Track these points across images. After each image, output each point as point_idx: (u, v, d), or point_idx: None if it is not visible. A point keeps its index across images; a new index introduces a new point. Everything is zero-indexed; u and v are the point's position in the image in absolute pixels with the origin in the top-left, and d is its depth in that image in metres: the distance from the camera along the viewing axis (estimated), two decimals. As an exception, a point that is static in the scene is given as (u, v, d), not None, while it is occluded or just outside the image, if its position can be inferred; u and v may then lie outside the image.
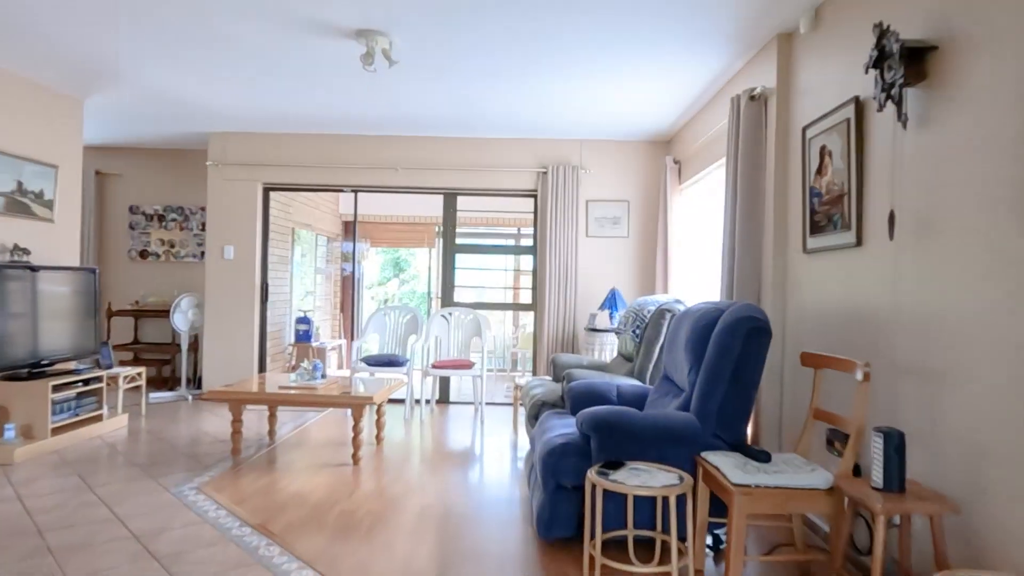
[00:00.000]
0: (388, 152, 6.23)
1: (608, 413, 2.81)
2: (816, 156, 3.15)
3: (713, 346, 2.90)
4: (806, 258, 3.28)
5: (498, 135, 6.14)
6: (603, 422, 2.77)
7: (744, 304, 2.96)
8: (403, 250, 13.95)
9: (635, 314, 4.40)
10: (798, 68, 3.44)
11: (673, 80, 4.44)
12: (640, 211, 6.20)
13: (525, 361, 9.17)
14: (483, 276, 9.72)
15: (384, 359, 5.72)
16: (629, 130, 5.82)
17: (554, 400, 4.09)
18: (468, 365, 5.70)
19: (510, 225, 9.59)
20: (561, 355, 4.94)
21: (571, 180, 6.08)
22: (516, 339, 9.29)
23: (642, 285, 6.20)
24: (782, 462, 2.56)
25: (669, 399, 3.26)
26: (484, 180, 6.23)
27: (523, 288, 10.11)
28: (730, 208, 3.86)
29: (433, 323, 6.10)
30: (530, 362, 9.41)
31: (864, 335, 2.71)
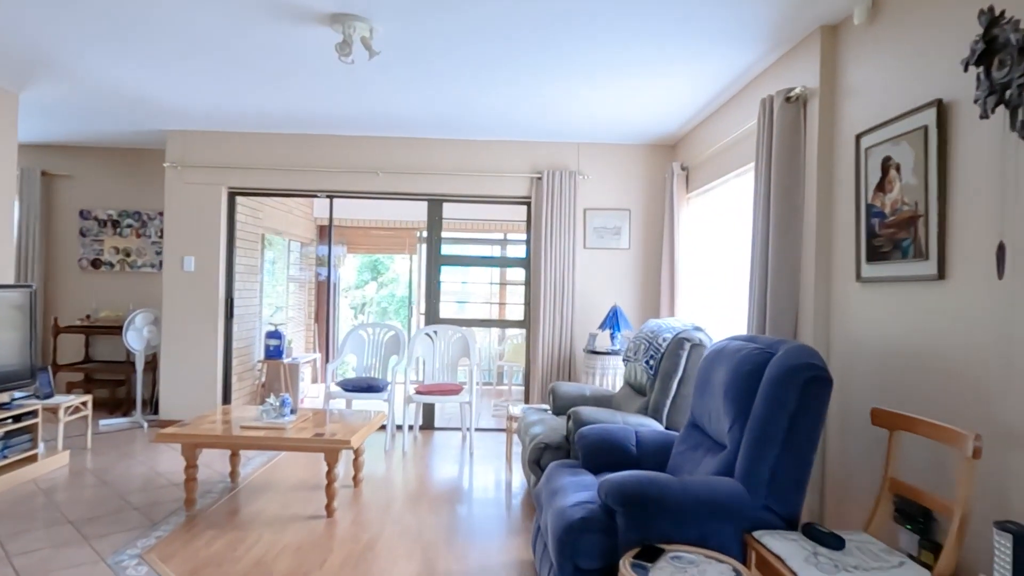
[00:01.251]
0: (367, 154, 5.67)
1: (638, 484, 2.30)
2: (876, 169, 2.67)
3: (763, 399, 2.41)
4: (860, 288, 2.81)
5: (489, 137, 5.61)
6: (634, 496, 2.26)
7: (797, 347, 2.47)
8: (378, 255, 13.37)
9: (648, 342, 3.91)
10: (848, 65, 2.96)
11: (686, 77, 3.95)
12: (642, 221, 5.71)
13: (512, 374, 8.67)
14: (470, 289, 9.20)
15: (362, 384, 5.17)
16: (631, 132, 5.34)
17: (558, 442, 3.58)
18: (456, 390, 5.17)
19: (498, 231, 9.07)
20: (561, 385, 4.43)
21: (568, 186, 5.57)
22: (503, 352, 8.77)
23: (644, 303, 5.72)
24: (857, 548, 2.08)
25: (701, 454, 2.77)
26: (473, 186, 5.70)
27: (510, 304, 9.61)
28: (761, 224, 3.38)
29: (416, 342, 5.56)
30: (517, 375, 8.92)
31: (949, 390, 2.24)
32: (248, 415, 4.00)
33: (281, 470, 4.46)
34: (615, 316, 5.19)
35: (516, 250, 9.83)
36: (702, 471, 2.66)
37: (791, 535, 2.19)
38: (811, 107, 3.16)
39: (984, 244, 2.10)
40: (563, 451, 3.56)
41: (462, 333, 5.59)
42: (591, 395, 4.36)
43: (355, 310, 13.17)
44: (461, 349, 5.61)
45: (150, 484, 4.07)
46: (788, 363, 2.39)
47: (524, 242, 9.79)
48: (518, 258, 5.92)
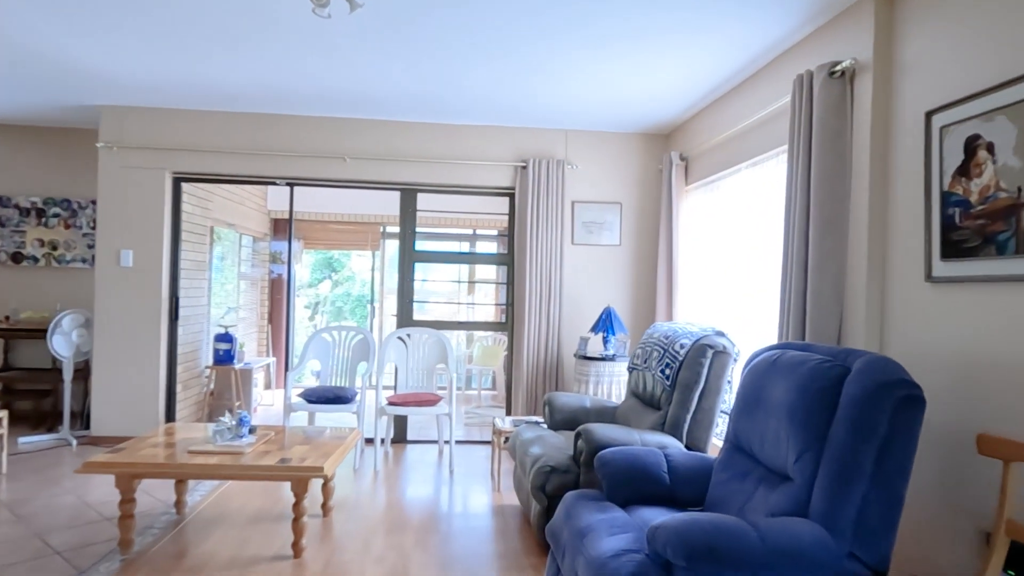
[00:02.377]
0: (334, 138, 5.09)
1: (705, 534, 1.85)
2: (956, 151, 2.30)
3: (846, 423, 1.99)
4: (930, 289, 2.43)
5: (470, 121, 5.10)
6: (702, 549, 1.81)
7: (878, 359, 2.07)
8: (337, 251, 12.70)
9: (662, 348, 3.48)
10: (907, 35, 2.58)
11: (695, 55, 3.54)
12: (634, 216, 5.30)
13: (482, 378, 8.18)
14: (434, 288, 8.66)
15: (328, 394, 4.60)
16: (623, 119, 4.91)
17: (565, 465, 3.12)
18: (433, 400, 4.65)
19: (467, 226, 8.56)
20: (558, 396, 3.97)
21: (555, 176, 5.11)
22: (471, 355, 8.27)
23: (637, 305, 5.31)
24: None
25: (751, 485, 2.34)
26: (451, 175, 5.18)
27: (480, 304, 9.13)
28: (798, 217, 2.99)
29: (388, 347, 5.01)
30: (487, 379, 8.43)
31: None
32: (197, 435, 3.40)
33: (236, 497, 3.87)
34: (608, 318, 4.76)
35: (485, 246, 9.35)
36: (759, 507, 2.23)
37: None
38: (861, 83, 2.78)
39: None
40: (572, 475, 3.10)
41: (438, 337, 5.07)
42: (592, 407, 3.92)
43: (311, 310, 12.45)
44: (437, 354, 5.09)
45: (78, 519, 3.43)
46: (875, 380, 1.98)
47: (494, 238, 9.37)
48: (500, 254, 5.44)
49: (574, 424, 3.87)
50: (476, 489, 4.16)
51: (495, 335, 8.35)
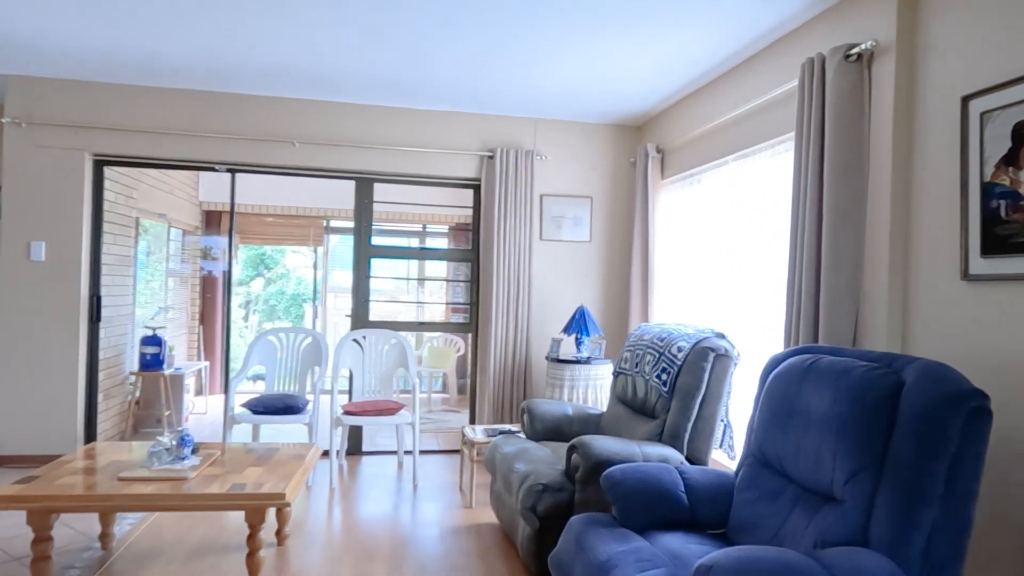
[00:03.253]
0: (283, 120, 4.61)
1: (768, 572, 1.58)
2: (1002, 138, 2.12)
3: (910, 439, 1.77)
4: (967, 288, 2.25)
5: (434, 106, 4.73)
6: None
7: (935, 366, 1.86)
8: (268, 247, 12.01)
9: (656, 351, 3.22)
10: (935, 15, 2.40)
11: (676, 43, 3.31)
12: (605, 210, 5.06)
13: (432, 380, 7.79)
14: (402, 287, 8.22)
15: (277, 403, 4.14)
16: (595, 109, 4.65)
17: (559, 482, 2.81)
18: (394, 408, 4.25)
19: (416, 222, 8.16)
20: (538, 403, 3.67)
21: (524, 168, 4.80)
22: (420, 356, 7.87)
23: (607, 304, 5.06)
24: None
25: (786, 506, 2.10)
26: (412, 163, 4.79)
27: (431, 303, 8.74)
28: (810, 210, 2.78)
29: (342, 351, 4.58)
30: (437, 381, 8.04)
31: None
32: (128, 457, 2.91)
33: (172, 526, 3.38)
34: (582, 318, 4.49)
35: (435, 242, 8.96)
36: (799, 532, 1.99)
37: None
38: (880, 67, 2.59)
39: None
40: (566, 493, 2.80)
41: (398, 339, 4.68)
42: (575, 415, 3.63)
43: (244, 309, 11.72)
44: (397, 358, 4.69)
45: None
46: (943, 390, 1.76)
47: (444, 235, 8.98)
48: (464, 250, 5.09)
49: (557, 434, 3.57)
50: (445, 505, 3.80)
51: (446, 336, 7.98)
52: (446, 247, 8.45)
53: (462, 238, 8.54)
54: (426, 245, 8.54)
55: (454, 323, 5.08)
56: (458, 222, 8.34)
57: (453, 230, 8.45)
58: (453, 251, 5.14)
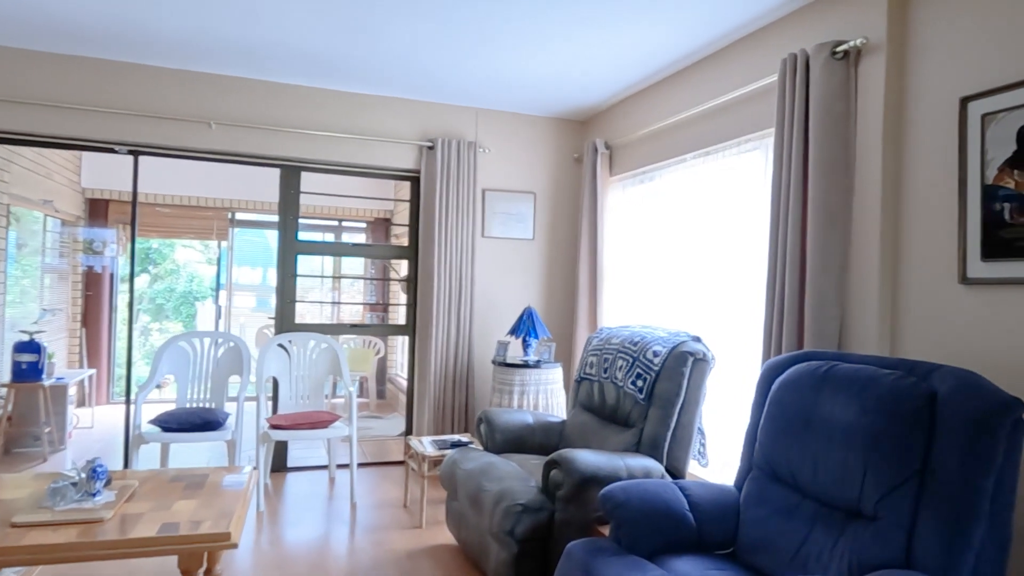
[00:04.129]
0: (198, 98, 4.07)
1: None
2: (1007, 141, 2.10)
3: (957, 452, 1.68)
4: (965, 292, 2.23)
5: (371, 90, 4.34)
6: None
7: (967, 373, 1.79)
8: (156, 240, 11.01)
9: (630, 356, 3.05)
10: (930, 14, 2.37)
11: (644, 32, 3.18)
12: (548, 207, 4.87)
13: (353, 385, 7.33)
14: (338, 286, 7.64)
15: (194, 419, 3.64)
16: (539, 101, 4.45)
17: (538, 502, 2.58)
18: (328, 420, 3.85)
19: (349, 217, 7.66)
20: (498, 413, 3.42)
21: (466, 160, 4.52)
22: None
23: (553, 305, 4.88)
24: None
25: (804, 524, 1.97)
26: (345, 151, 4.39)
27: (350, 303, 8.26)
28: (792, 211, 2.70)
29: (267, 357, 4.11)
30: (355, 386, 7.58)
31: None
32: (20, 494, 2.39)
33: (70, 571, 2.84)
34: (530, 319, 4.27)
35: (352, 238, 8.48)
36: (824, 551, 1.87)
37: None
38: (869, 65, 2.54)
39: None
40: (545, 513, 2.58)
41: (329, 344, 4.27)
42: (537, 424, 3.41)
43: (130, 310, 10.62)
44: (328, 364, 4.28)
45: None
46: (985, 400, 1.68)
47: (362, 230, 8.50)
48: (400, 247, 4.72)
49: (518, 445, 3.33)
50: (392, 526, 3.47)
51: (365, 337, 7.55)
52: (368, 243, 7.99)
53: (381, 234, 8.12)
54: (342, 241, 8.05)
55: (394, 325, 4.72)
56: (377, 217, 7.91)
57: (372, 225, 8.01)
58: (391, 248, 4.78)
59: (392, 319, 7.99)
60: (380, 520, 3.55)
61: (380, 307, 8.17)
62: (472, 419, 4.53)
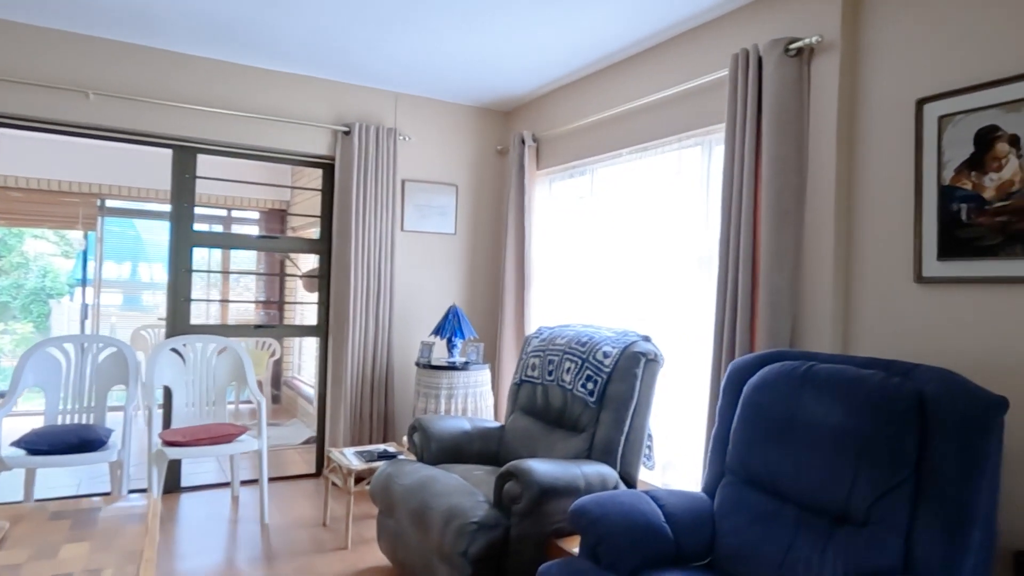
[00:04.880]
0: (73, 62, 3.48)
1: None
2: (965, 142, 2.14)
3: (953, 453, 1.66)
4: (920, 290, 2.26)
5: (280, 67, 3.92)
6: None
7: (947, 372, 1.79)
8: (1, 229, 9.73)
9: (578, 357, 2.91)
10: (885, 16, 2.40)
11: (580, 21, 3.06)
12: (471, 201, 4.65)
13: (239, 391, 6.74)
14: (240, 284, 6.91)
15: (68, 438, 3.11)
16: (462, 88, 4.23)
17: (493, 518, 2.38)
18: (234, 434, 3.43)
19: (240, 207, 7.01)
20: (433, 420, 3.16)
21: (386, 148, 4.21)
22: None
23: (475, 303, 4.67)
24: None
25: (787, 531, 1.91)
26: (250, 133, 3.94)
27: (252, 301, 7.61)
28: (745, 209, 2.67)
29: (157, 364, 3.61)
30: (245, 391, 6.97)
31: None
32: None
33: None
34: (456, 319, 4.04)
35: (242, 229, 7.84)
36: (810, 559, 1.81)
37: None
38: (822, 64, 2.54)
39: None
40: (500, 529, 2.38)
41: (230, 347, 3.82)
42: (475, 431, 3.19)
43: None
44: (230, 370, 3.83)
45: None
46: (976, 401, 1.68)
47: (255, 222, 7.84)
48: (312, 240, 4.32)
49: (457, 455, 3.11)
50: (314, 549, 3.13)
51: (258, 339, 6.97)
52: (275, 236, 7.38)
53: (276, 225, 7.54)
54: (235, 232, 7.39)
55: (301, 326, 4.30)
56: (272, 208, 7.33)
57: (266, 216, 7.42)
58: (302, 241, 4.35)
59: (289, 318, 7.45)
60: (298, 543, 3.20)
61: (274, 305, 7.59)
62: (393, 427, 4.23)
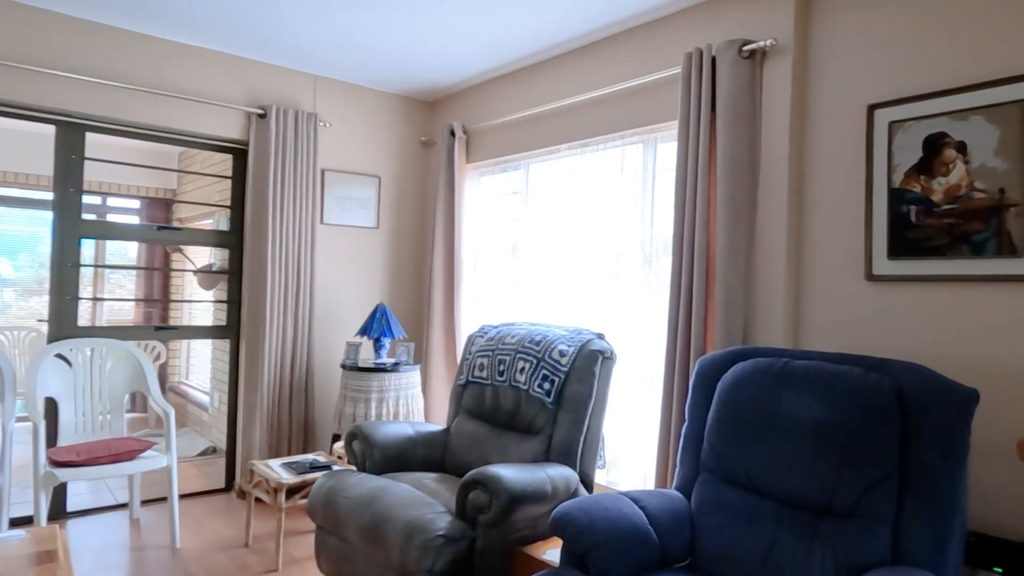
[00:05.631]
0: (-75, 15, 2.94)
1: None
2: (913, 147, 2.26)
3: (936, 445, 1.73)
4: (870, 288, 2.37)
5: (187, 39, 3.52)
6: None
7: (920, 367, 1.87)
8: None
9: (533, 357, 2.81)
10: (836, 23, 2.49)
11: (519, 11, 2.99)
12: (394, 194, 4.43)
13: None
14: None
15: (-68, 464, 2.61)
16: (388, 74, 4.01)
17: (458, 530, 2.24)
18: (135, 451, 3.04)
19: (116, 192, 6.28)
20: (375, 427, 2.95)
21: (305, 134, 3.91)
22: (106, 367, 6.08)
23: (399, 301, 4.45)
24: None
25: (769, 528, 1.92)
26: (148, 111, 3.51)
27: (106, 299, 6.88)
28: (699, 208, 2.69)
29: (42, 371, 3.13)
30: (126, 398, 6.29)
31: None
32: None
33: None
34: (384, 318, 3.83)
35: (121, 217, 7.07)
36: (797, 554, 1.83)
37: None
38: (775, 66, 2.60)
39: None
40: (465, 541, 2.25)
41: (127, 351, 3.39)
42: (418, 436, 3.02)
43: None
44: (127, 378, 3.40)
45: None
46: (953, 394, 1.76)
47: (136, 211, 7.08)
48: (221, 232, 3.91)
49: (402, 463, 2.92)
50: (239, 572, 2.82)
51: (141, 341, 6.32)
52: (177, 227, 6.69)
53: (161, 215, 6.86)
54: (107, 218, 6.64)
55: (209, 327, 3.87)
56: (156, 195, 6.66)
57: (149, 204, 6.73)
58: (206, 232, 3.93)
59: (175, 318, 6.81)
60: (220, 568, 2.88)
61: (158, 304, 6.92)
62: (315, 435, 3.95)
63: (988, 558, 1.99)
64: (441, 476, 2.82)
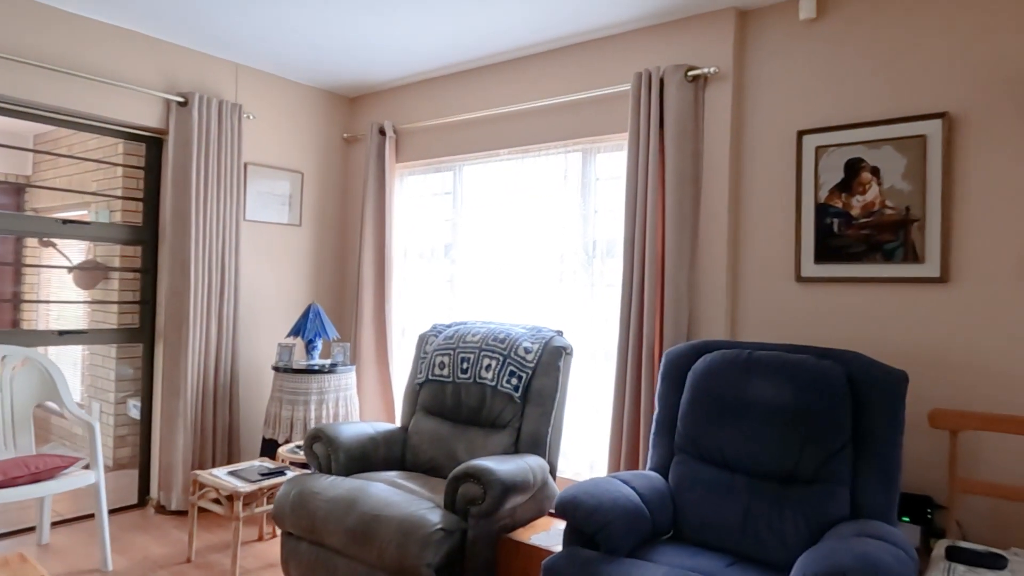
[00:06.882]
0: None
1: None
2: (836, 169, 2.67)
3: (884, 418, 2.11)
4: (801, 289, 2.76)
5: (98, 14, 3.21)
6: None
7: (856, 355, 2.25)
8: None
9: (499, 354, 2.93)
10: (770, 57, 2.86)
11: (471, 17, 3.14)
12: (316, 191, 4.31)
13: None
14: None
15: None
16: (313, 67, 3.92)
17: (453, 523, 2.32)
18: (56, 468, 2.76)
19: None
20: (338, 428, 2.92)
21: (229, 125, 3.72)
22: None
23: (323, 302, 4.34)
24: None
25: (743, 499, 2.20)
26: (52, 91, 3.17)
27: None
28: (651, 214, 2.95)
29: (-69, 384, 2.74)
30: None
31: (962, 385, 2.41)
32: None
33: None
34: (317, 319, 3.74)
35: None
36: (770, 518, 2.13)
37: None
38: (716, 91, 2.93)
39: (996, 249, 2.33)
40: (458, 534, 2.34)
41: (33, 358, 3.05)
42: (379, 435, 3.02)
43: None
44: (35, 388, 3.06)
45: None
46: (892, 376, 2.14)
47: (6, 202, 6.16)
48: (133, 226, 3.58)
49: (366, 463, 2.91)
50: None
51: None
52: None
53: (10, 201, 6.05)
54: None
55: (118, 330, 3.53)
56: (4, 180, 5.87)
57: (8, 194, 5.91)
58: (114, 227, 3.56)
59: (28, 320, 6.05)
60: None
61: (8, 302, 6.10)
62: (241, 442, 3.79)
63: (900, 510, 2.42)
64: (408, 474, 2.86)
